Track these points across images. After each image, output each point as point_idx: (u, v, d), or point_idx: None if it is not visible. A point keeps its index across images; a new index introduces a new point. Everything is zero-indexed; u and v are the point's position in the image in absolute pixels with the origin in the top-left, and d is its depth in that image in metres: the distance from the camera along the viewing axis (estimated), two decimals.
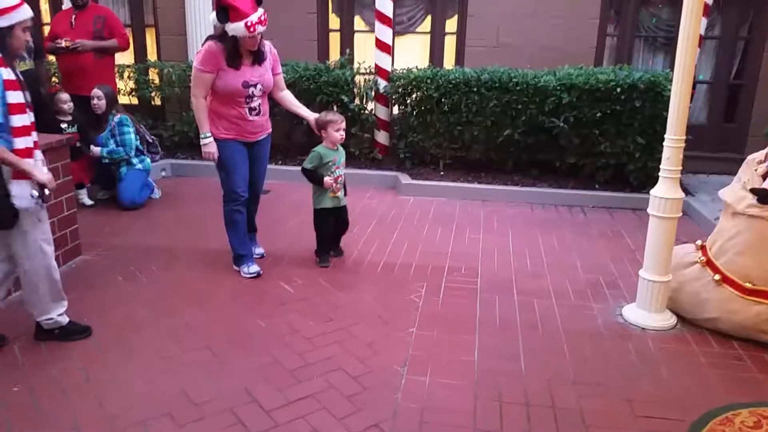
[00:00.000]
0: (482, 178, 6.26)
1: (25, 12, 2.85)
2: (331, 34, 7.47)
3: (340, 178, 4.14)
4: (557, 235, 5.01)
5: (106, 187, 5.71)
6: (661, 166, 3.40)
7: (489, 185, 6.10)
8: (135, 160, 5.49)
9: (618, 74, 5.83)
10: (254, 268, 4.04)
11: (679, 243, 3.67)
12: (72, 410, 2.64)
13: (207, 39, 3.77)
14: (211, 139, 3.82)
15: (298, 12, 7.19)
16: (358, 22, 7.46)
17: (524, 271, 4.28)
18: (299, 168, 4.26)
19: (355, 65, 6.73)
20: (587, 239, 4.96)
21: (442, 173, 6.40)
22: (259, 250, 4.37)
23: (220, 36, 3.68)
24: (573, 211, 5.73)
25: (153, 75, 7.16)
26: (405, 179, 6.20)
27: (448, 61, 7.28)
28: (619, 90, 5.70)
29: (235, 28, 3.56)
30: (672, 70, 3.31)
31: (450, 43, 7.30)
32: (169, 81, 6.90)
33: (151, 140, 5.80)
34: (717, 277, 3.39)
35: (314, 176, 4.11)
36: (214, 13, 3.61)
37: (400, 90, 6.34)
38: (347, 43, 7.38)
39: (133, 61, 7.45)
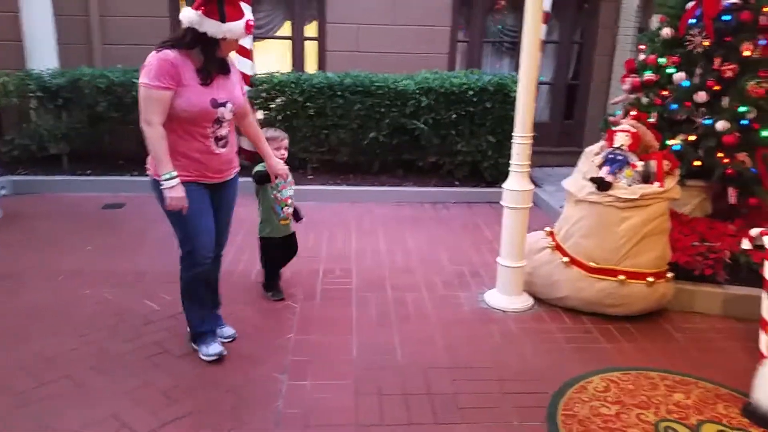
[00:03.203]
0: (350, 180, 6.38)
1: None
2: None
3: (289, 200, 3.64)
4: (424, 231, 5.24)
5: None
6: (511, 162, 3.68)
7: (357, 187, 6.23)
8: None
9: (470, 78, 6.22)
10: (216, 348, 3.13)
11: (531, 231, 3.98)
12: None
13: (159, 47, 2.81)
14: (178, 181, 2.80)
15: (147, 16, 6.88)
16: None
17: (396, 267, 4.43)
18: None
19: None
20: (451, 233, 5.23)
21: (310, 177, 6.43)
22: (228, 332, 3.35)
23: (188, 42, 2.80)
24: (437, 207, 6.01)
25: None
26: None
27: (311, 66, 7.33)
28: (471, 93, 6.09)
29: (232, 28, 2.78)
30: (517, 72, 3.59)
31: (311, 49, 7.35)
32: (5, 91, 6.25)
33: None
34: (565, 259, 3.74)
35: (264, 178, 3.52)
36: (192, 11, 2.76)
37: (263, 95, 6.27)
38: None
39: None
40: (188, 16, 2.77)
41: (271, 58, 7.29)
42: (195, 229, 2.95)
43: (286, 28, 7.32)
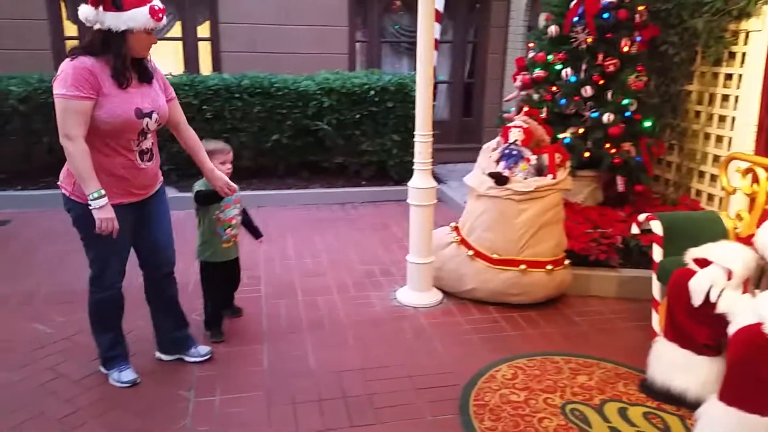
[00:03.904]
0: (254, 184, 6.23)
1: None
2: (68, 42, 6.77)
3: (233, 220, 3.29)
4: (333, 233, 5.20)
5: None
6: (414, 160, 3.72)
7: (262, 191, 6.09)
8: None
9: (370, 78, 6.27)
10: (129, 374, 2.94)
11: (438, 227, 4.05)
12: None
13: (72, 54, 2.56)
14: (107, 200, 2.58)
15: (22, 19, 6.40)
16: None
17: (306, 271, 4.36)
18: (43, 192, 3.16)
19: None
20: (360, 233, 5.23)
21: None
22: (204, 350, 3.17)
23: (100, 45, 2.55)
24: (345, 208, 6.00)
25: None
26: (172, 192, 5.87)
27: (205, 68, 7.09)
28: (372, 93, 6.14)
29: (135, 16, 2.50)
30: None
31: (205, 50, 7.11)
32: None
33: None
34: (470, 252, 3.83)
35: (210, 197, 3.16)
36: (90, 8, 2.49)
37: None
38: None
39: None
40: (86, 14, 2.52)
41: (162, 60, 6.98)
42: (108, 253, 2.78)
43: (176, 29, 7.04)
